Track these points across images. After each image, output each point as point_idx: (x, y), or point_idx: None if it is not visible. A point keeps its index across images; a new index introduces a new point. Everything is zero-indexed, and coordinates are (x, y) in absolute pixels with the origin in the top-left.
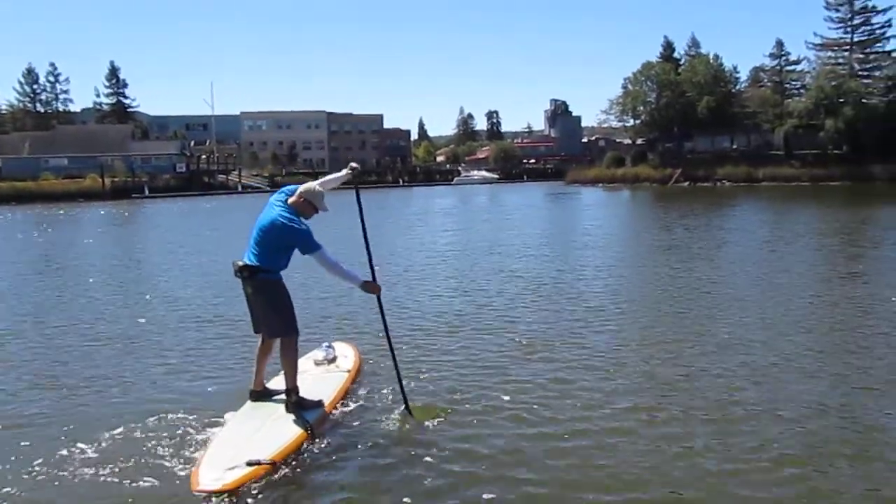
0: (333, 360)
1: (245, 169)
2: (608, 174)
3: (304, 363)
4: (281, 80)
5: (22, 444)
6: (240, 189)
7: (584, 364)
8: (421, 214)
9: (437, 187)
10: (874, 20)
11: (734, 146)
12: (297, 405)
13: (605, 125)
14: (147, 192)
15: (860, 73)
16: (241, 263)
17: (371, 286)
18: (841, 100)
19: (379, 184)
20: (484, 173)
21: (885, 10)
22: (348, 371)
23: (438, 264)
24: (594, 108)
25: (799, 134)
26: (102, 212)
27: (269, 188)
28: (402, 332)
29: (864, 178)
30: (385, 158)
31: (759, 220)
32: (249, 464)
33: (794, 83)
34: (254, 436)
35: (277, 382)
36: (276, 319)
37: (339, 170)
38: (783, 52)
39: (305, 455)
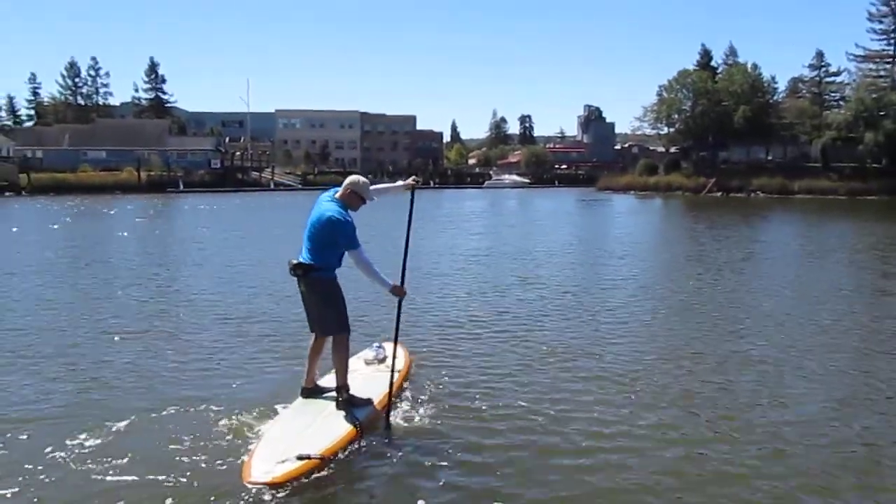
0: (383, 359)
1: (278, 166)
2: (640, 182)
3: (355, 362)
4: (316, 79)
5: (53, 436)
6: (272, 186)
7: (601, 376)
8: (450, 217)
9: (468, 190)
10: None
11: (770, 157)
12: (348, 403)
13: (639, 132)
14: (182, 186)
15: None
16: (295, 262)
17: (398, 290)
18: (881, 112)
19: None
20: (515, 177)
21: None
22: (398, 371)
23: (464, 268)
24: (628, 115)
25: (837, 146)
26: (130, 206)
27: (301, 186)
28: (422, 335)
29: None
30: (417, 160)
31: (792, 232)
32: (300, 458)
33: (833, 95)
34: (304, 431)
35: (328, 380)
36: (329, 317)
37: (370, 171)
38: (823, 63)
39: (354, 452)
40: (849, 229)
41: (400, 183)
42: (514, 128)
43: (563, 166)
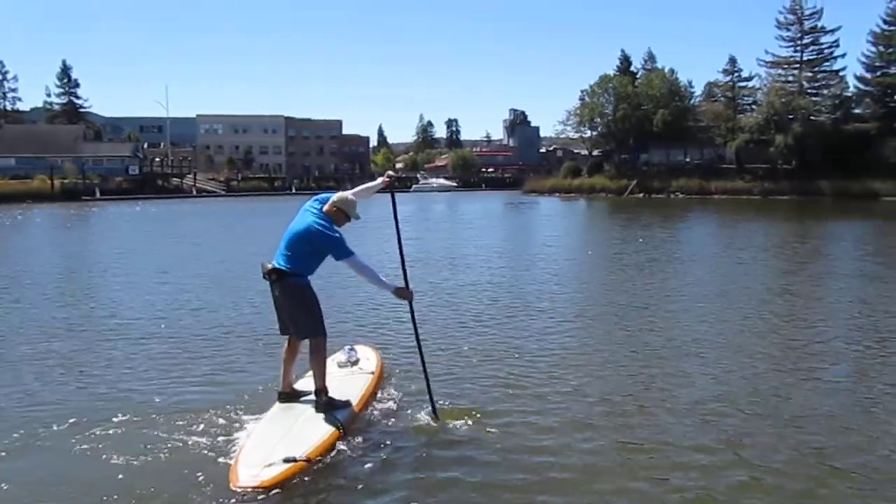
0: (356, 362)
1: (200, 173)
2: (565, 184)
3: (328, 366)
4: (239, 84)
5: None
6: (194, 193)
7: (520, 383)
8: (378, 221)
9: (396, 194)
10: (823, 40)
11: (688, 159)
12: (328, 405)
13: (563, 136)
14: (98, 194)
15: (809, 90)
16: (270, 266)
17: (403, 292)
18: (790, 116)
19: (337, 190)
20: (442, 181)
21: (833, 31)
22: (372, 373)
23: (390, 274)
24: (552, 119)
25: (750, 148)
26: (43, 216)
27: (224, 193)
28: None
29: (811, 192)
30: (344, 165)
31: (707, 233)
32: (286, 461)
33: (746, 99)
34: (287, 435)
35: (302, 384)
36: (306, 321)
37: (296, 176)
38: (736, 69)
39: (338, 453)
40: (759, 230)
41: (375, 182)
42: (441, 132)
43: (490, 170)
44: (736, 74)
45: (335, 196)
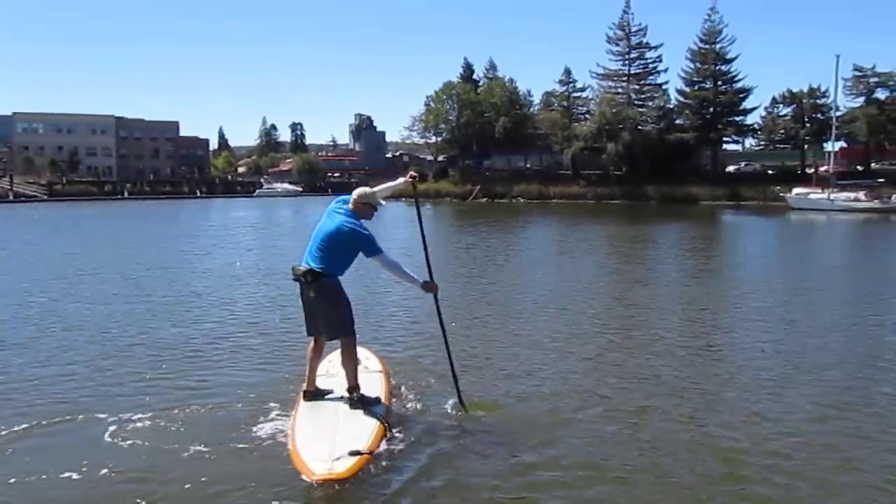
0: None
1: (18, 175)
2: (410, 189)
3: (333, 366)
4: (63, 81)
5: None
6: (11, 198)
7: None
8: (218, 228)
9: (238, 200)
10: (648, 55)
11: (528, 165)
12: (362, 401)
13: (409, 141)
14: None
15: (636, 102)
16: (303, 268)
17: (429, 286)
18: (620, 125)
19: (174, 194)
20: (287, 186)
21: (657, 47)
22: (380, 371)
23: (229, 288)
24: (398, 124)
25: (585, 155)
26: None
27: (47, 197)
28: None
29: (639, 197)
30: (181, 168)
31: (543, 236)
32: (352, 454)
33: (580, 108)
34: (336, 430)
35: (321, 383)
36: (337, 321)
37: (128, 179)
38: (571, 80)
39: (389, 445)
40: (590, 232)
41: (401, 180)
42: (285, 135)
43: (336, 174)
44: (571, 85)
45: (355, 193)
